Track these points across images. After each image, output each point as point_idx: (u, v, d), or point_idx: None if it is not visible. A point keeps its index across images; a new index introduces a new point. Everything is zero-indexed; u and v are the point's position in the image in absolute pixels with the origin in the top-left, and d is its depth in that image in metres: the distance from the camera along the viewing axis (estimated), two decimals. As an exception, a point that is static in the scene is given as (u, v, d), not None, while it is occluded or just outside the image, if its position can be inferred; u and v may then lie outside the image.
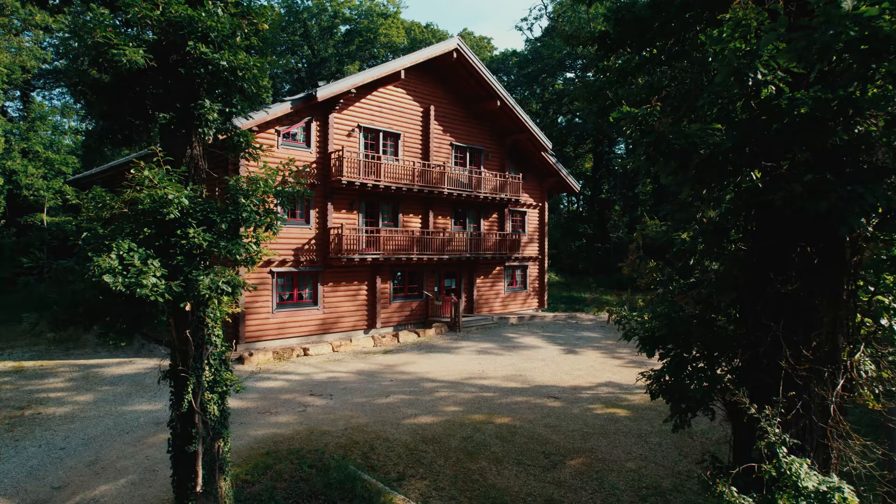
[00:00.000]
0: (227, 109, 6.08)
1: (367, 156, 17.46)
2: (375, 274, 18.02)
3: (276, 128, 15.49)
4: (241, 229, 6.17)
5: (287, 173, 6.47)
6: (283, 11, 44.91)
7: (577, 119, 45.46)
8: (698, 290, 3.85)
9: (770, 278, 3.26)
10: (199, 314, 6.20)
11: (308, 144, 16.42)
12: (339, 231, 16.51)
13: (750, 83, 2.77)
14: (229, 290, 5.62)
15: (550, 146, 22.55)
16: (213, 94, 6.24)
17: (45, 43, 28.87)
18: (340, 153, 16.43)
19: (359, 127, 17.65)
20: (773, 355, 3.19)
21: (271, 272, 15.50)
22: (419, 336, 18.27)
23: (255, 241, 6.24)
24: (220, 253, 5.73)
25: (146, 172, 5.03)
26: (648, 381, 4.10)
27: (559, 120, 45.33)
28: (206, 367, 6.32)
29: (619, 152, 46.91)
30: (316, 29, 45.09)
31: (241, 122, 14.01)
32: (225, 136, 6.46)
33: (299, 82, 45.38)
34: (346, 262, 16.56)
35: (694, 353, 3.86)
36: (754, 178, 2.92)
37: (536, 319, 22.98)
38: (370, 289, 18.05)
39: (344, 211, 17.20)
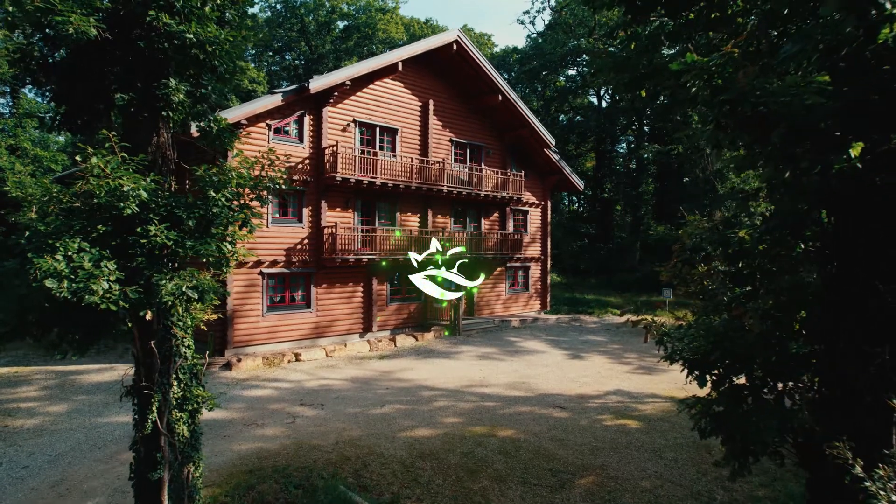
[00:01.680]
0: (198, 91, 5.37)
1: (362, 152, 16.75)
2: (372, 275, 17.30)
3: (267, 122, 14.76)
4: (214, 227, 5.47)
5: (267, 163, 5.76)
6: (279, 7, 44.19)
7: (578, 117, 44.79)
8: (761, 301, 3.14)
9: (866, 287, 2.55)
10: (166, 323, 5.49)
11: (301, 139, 15.69)
12: (334, 230, 15.79)
13: (874, 14, 2.07)
14: (196, 296, 4.91)
15: (553, 142, 21.84)
16: (183, 73, 5.54)
17: (37, 37, 28.10)
18: (335, 149, 15.70)
19: (354, 121, 16.93)
20: (876, 391, 2.50)
21: (261, 273, 14.78)
22: (417, 340, 17.54)
23: (230, 240, 5.53)
24: (186, 253, 5.01)
25: (94, 160, 4.31)
26: (693, 412, 3.36)
27: (560, 118, 44.65)
28: (175, 383, 5.61)
29: (621, 151, 46.24)
30: (313, 25, 44.36)
31: (228, 115, 13.33)
32: (197, 124, 5.75)
33: (297, 79, 44.65)
34: (340, 262, 15.84)
35: (755, 380, 3.15)
36: (852, 155, 2.22)
37: (539, 322, 22.28)
38: (366, 290, 17.33)
39: (338, 209, 16.48)
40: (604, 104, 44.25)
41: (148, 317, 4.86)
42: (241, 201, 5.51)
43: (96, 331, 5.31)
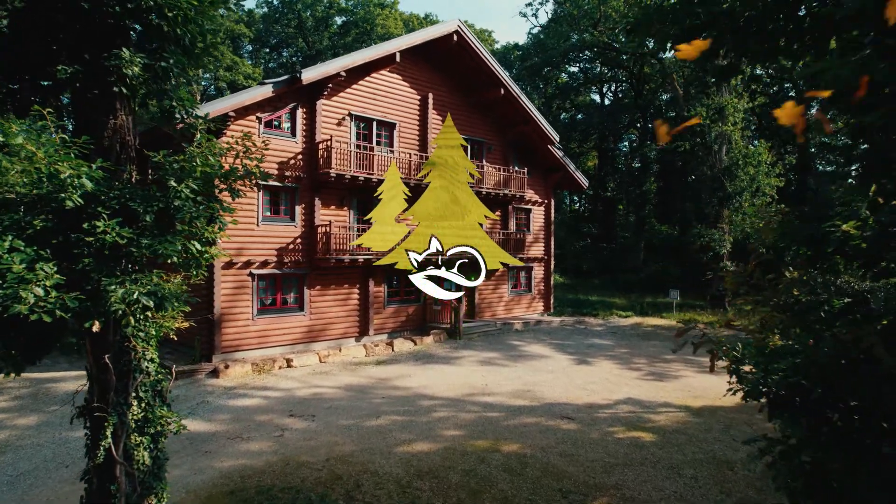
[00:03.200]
0: (158, 64, 4.62)
1: (358, 147, 16.00)
2: (368, 276, 16.55)
3: (257, 114, 14.01)
4: (179, 223, 4.73)
5: (241, 151, 5.03)
6: (276, 2, 43.45)
7: (580, 115, 44.08)
8: (859, 316, 2.38)
9: None
10: (123, 334, 4.75)
11: (293, 134, 14.95)
12: (328, 229, 15.05)
13: None
14: (152, 303, 4.17)
15: (557, 138, 21.09)
16: (148, 47, 4.81)
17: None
18: (329, 144, 14.96)
19: (350, 115, 16.18)
20: None
21: (251, 274, 14.03)
22: (416, 344, 16.79)
23: (199, 239, 4.79)
24: (142, 253, 4.27)
25: (20, 139, 3.57)
26: (768, 460, 2.59)
27: (562, 116, 43.93)
28: (135, 402, 4.88)
29: (623, 149, 45.54)
30: (311, 21, 43.61)
31: (214, 107, 12.60)
32: (157, 103, 5.02)
33: (294, 76, 43.91)
34: (335, 263, 15.10)
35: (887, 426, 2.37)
36: None
37: (542, 324, 21.54)
38: (362, 292, 16.58)
39: (333, 207, 15.73)
40: (606, 101, 43.55)
41: (95, 328, 4.12)
42: (211, 193, 4.79)
43: (39, 344, 4.58)
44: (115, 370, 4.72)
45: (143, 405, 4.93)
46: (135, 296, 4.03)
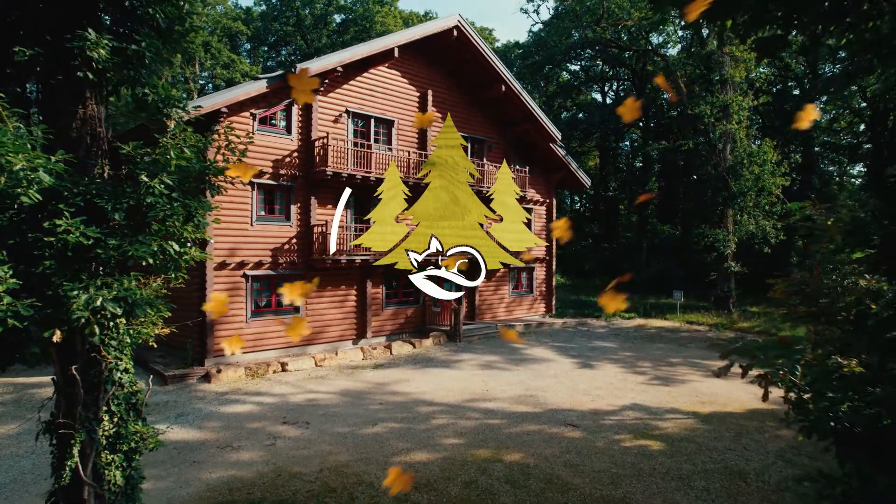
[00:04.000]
0: (129, 48, 4.22)
1: (356, 144, 15.59)
2: (366, 277, 16.15)
3: (251, 111, 13.61)
4: (155, 222, 4.34)
5: (223, 143, 4.63)
6: (275, 0, 43.07)
7: (581, 114, 43.69)
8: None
9: None
10: (92, 343, 4.35)
11: (289, 131, 14.55)
12: (324, 229, 14.65)
13: None
14: (119, 310, 3.77)
15: (559, 136, 20.69)
16: (120, 30, 4.42)
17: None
18: (325, 141, 14.56)
19: (347, 112, 15.78)
20: None
21: (245, 275, 13.62)
22: (415, 347, 16.38)
23: (177, 239, 4.40)
24: (109, 255, 3.88)
25: (-38, 127, 3.18)
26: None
27: (563, 115, 43.52)
28: (106, 417, 4.49)
29: (625, 148, 45.15)
30: (309, 19, 43.21)
31: (206, 102, 12.20)
32: (132, 93, 4.61)
33: (292, 75, 43.49)
34: (331, 263, 14.69)
35: None
36: None
37: (545, 326, 21.13)
38: (360, 294, 16.18)
39: (330, 206, 15.31)
40: (608, 100, 43.17)
41: (56, 338, 3.72)
42: (188, 189, 4.39)
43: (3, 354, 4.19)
44: (84, 382, 4.34)
45: (115, 420, 4.54)
46: (99, 302, 3.63)
